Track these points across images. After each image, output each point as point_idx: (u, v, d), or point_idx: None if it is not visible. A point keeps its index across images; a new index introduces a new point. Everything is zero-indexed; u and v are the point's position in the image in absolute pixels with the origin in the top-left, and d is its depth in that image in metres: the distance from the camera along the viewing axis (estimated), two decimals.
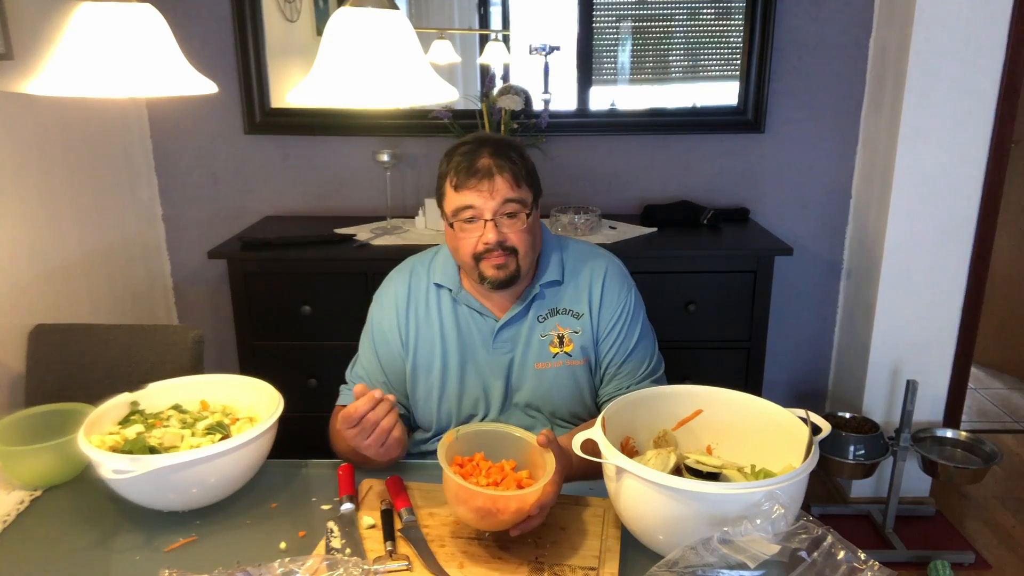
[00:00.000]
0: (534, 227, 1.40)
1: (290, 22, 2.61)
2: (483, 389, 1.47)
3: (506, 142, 1.40)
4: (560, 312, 1.46)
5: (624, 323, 1.46)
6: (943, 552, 2.39)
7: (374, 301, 1.54)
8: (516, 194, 1.35)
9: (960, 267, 2.47)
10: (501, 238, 1.34)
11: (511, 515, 1.07)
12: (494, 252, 1.35)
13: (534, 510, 1.08)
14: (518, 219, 1.36)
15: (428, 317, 1.47)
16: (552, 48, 2.66)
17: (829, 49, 2.55)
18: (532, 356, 1.45)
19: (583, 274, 1.47)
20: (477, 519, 1.09)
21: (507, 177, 1.34)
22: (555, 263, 1.46)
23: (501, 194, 1.34)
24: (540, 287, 1.45)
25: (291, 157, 2.69)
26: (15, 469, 1.28)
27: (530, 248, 1.39)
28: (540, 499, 1.08)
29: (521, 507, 1.07)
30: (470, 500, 1.07)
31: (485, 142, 1.38)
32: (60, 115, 2.14)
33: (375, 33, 0.96)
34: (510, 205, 1.34)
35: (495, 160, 1.35)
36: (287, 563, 0.98)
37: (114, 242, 2.43)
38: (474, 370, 1.47)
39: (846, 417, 2.48)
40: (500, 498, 1.06)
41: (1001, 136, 2.36)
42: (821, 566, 0.96)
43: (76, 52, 0.97)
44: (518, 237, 1.36)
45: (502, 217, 1.35)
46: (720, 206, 2.62)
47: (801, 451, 1.12)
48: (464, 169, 1.34)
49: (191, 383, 1.41)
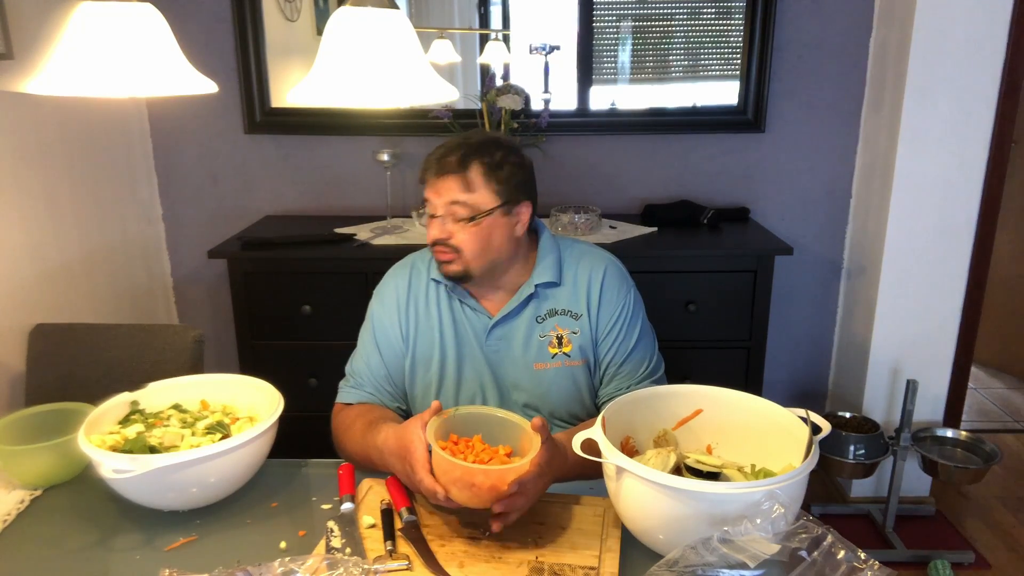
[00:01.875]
0: (491, 232, 1.39)
1: (290, 22, 2.61)
2: (479, 385, 1.48)
3: (492, 144, 1.40)
4: (559, 313, 1.46)
5: (623, 323, 1.46)
6: (943, 552, 2.39)
7: (375, 296, 1.54)
8: (465, 197, 1.36)
9: (960, 267, 2.47)
10: (446, 235, 1.38)
11: (488, 492, 1.09)
12: (438, 247, 1.40)
13: (513, 487, 1.09)
14: (463, 221, 1.37)
15: (427, 311, 1.48)
16: (552, 48, 2.66)
17: (829, 49, 2.55)
18: (531, 356, 1.46)
19: (581, 275, 1.48)
20: (456, 492, 1.10)
21: (459, 179, 1.36)
22: (551, 264, 1.47)
23: (450, 195, 1.36)
24: (536, 287, 1.45)
25: (291, 157, 2.69)
26: (15, 469, 1.28)
27: (479, 251, 1.39)
28: (519, 476, 1.10)
29: (498, 484, 1.09)
30: (449, 471, 1.10)
31: (467, 140, 1.40)
32: (60, 115, 2.14)
33: (375, 33, 0.96)
34: (456, 207, 1.37)
35: (461, 161, 1.37)
36: (287, 562, 0.98)
37: (114, 242, 2.44)
38: (471, 365, 1.48)
39: (846, 417, 2.48)
40: (478, 472, 1.08)
41: (1001, 136, 2.36)
42: (821, 565, 0.96)
43: (76, 52, 0.97)
44: (462, 239, 1.38)
45: (449, 217, 1.38)
46: (720, 206, 2.62)
47: (801, 451, 1.12)
48: (432, 163, 1.39)
49: (191, 383, 1.41)
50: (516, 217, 1.42)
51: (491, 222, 1.38)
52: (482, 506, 1.11)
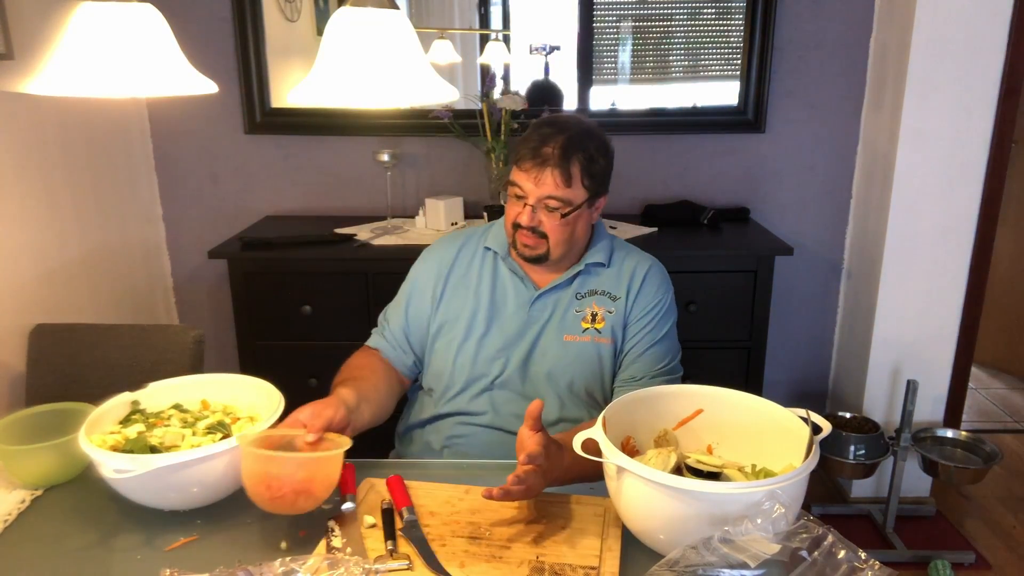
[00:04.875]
0: (576, 223, 1.46)
1: (290, 22, 2.61)
2: (505, 352, 1.52)
3: (588, 136, 1.45)
4: (599, 293, 1.53)
5: (655, 316, 1.52)
6: (943, 552, 2.39)
7: (421, 256, 1.62)
8: (561, 192, 1.42)
9: (960, 267, 2.47)
10: (536, 223, 1.44)
11: (298, 484, 1.07)
12: (524, 231, 1.46)
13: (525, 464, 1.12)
14: (556, 213, 1.43)
15: (467, 276, 1.56)
16: (552, 48, 2.66)
17: (829, 49, 2.55)
18: (563, 328, 1.51)
19: (628, 263, 1.56)
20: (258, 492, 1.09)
21: (559, 174, 1.41)
22: (604, 248, 1.55)
23: (547, 188, 1.42)
24: (586, 265, 1.52)
25: (291, 157, 2.69)
26: (16, 468, 1.28)
27: (564, 240, 1.46)
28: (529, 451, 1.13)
29: (307, 474, 1.08)
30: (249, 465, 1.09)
31: (566, 129, 1.43)
32: (60, 115, 2.14)
33: (375, 33, 0.96)
34: (551, 200, 1.43)
35: (561, 153, 1.41)
36: (288, 562, 0.98)
37: (114, 242, 2.43)
38: (499, 331, 1.52)
39: (846, 417, 2.48)
40: (277, 460, 1.08)
41: (1001, 136, 2.36)
42: (822, 566, 0.96)
43: (76, 52, 0.97)
44: (552, 228, 1.44)
45: (542, 206, 1.43)
46: (720, 206, 2.62)
47: (802, 451, 1.12)
48: (530, 150, 1.43)
49: (192, 382, 1.41)
50: (596, 208, 1.51)
51: (578, 214, 1.46)
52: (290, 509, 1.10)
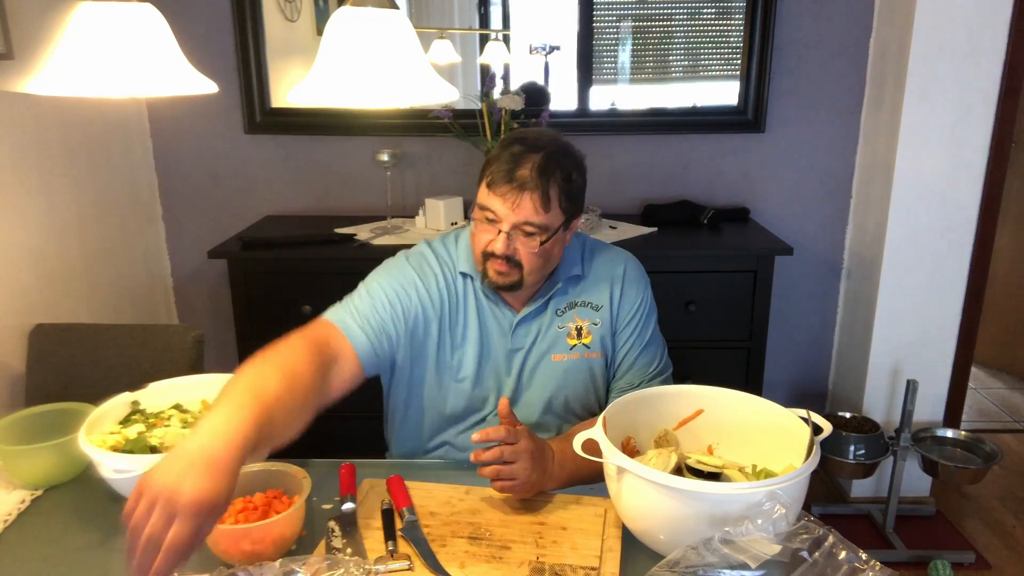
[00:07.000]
0: (551, 250, 1.36)
1: (290, 22, 2.61)
2: (496, 380, 1.45)
3: (564, 155, 1.34)
4: (579, 305, 1.46)
5: (641, 316, 1.48)
6: (943, 552, 2.39)
7: (408, 262, 1.47)
8: (538, 219, 1.30)
9: (960, 267, 2.47)
10: (510, 252, 1.32)
11: (250, 548, 1.04)
12: (496, 260, 1.34)
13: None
14: (533, 240, 1.32)
15: (459, 311, 1.43)
16: (552, 48, 2.66)
17: (829, 49, 2.55)
18: (549, 348, 1.45)
19: (604, 267, 1.48)
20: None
21: (537, 198, 1.29)
22: (576, 259, 1.46)
23: (524, 214, 1.30)
24: (561, 282, 1.44)
25: (291, 157, 2.69)
26: (16, 469, 1.28)
27: (539, 268, 1.36)
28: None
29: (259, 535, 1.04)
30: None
31: (540, 147, 1.32)
32: (60, 115, 2.14)
33: (375, 33, 0.96)
34: (528, 227, 1.31)
35: (538, 176, 1.29)
36: (288, 563, 0.98)
37: (114, 242, 2.43)
38: (491, 361, 1.44)
39: (846, 417, 2.48)
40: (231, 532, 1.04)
41: (1001, 136, 2.36)
42: (822, 566, 0.96)
43: (76, 52, 0.97)
44: (527, 256, 1.33)
45: (518, 232, 1.32)
46: (720, 206, 2.62)
47: (802, 451, 1.12)
48: (503, 172, 1.30)
49: (192, 383, 1.41)
50: (571, 230, 1.40)
51: (555, 239, 1.35)
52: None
